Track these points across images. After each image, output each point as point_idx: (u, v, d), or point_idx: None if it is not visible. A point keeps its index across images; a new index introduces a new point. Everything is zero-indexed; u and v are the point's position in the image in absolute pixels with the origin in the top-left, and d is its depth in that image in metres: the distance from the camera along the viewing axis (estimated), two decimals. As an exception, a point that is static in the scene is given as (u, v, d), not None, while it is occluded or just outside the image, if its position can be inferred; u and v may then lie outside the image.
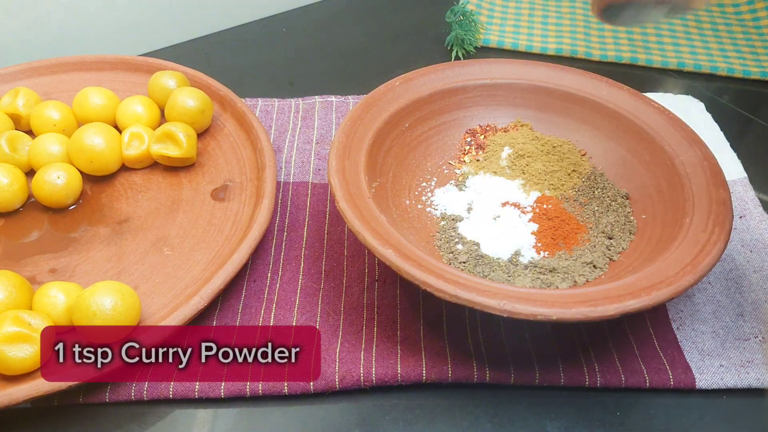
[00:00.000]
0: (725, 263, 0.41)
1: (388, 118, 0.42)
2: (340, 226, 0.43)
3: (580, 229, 0.40)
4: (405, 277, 0.31)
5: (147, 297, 0.38)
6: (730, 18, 0.67)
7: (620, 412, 0.34)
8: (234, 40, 0.64)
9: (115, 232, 0.42)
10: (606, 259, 0.37)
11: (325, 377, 0.34)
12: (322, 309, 0.38)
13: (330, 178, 0.36)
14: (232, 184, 0.45)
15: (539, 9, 0.69)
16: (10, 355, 0.32)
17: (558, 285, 0.35)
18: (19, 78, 0.51)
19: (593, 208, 0.41)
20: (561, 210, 0.41)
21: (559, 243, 0.39)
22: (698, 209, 0.36)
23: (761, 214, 0.44)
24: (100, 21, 0.60)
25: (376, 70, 0.59)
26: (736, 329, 0.37)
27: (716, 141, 0.50)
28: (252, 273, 0.41)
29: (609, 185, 0.42)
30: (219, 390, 0.34)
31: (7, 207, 0.42)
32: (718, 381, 0.35)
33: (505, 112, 0.47)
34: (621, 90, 0.44)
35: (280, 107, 0.53)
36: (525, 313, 0.29)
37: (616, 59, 0.61)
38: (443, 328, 0.37)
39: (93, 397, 0.34)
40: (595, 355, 0.36)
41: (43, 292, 0.35)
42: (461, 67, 0.46)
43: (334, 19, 0.68)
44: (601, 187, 0.42)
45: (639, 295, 0.30)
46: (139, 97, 0.48)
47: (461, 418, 0.34)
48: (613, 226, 0.39)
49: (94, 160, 0.44)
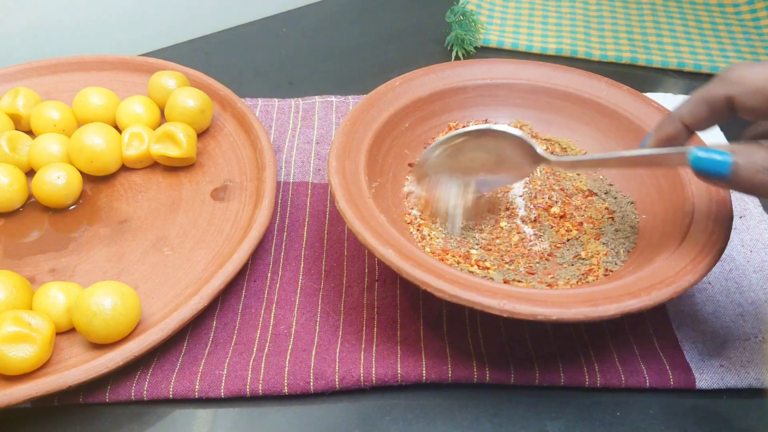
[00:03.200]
0: (725, 263, 0.41)
1: (388, 118, 0.42)
2: (340, 226, 0.43)
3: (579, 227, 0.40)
4: (405, 277, 0.31)
5: (147, 297, 0.38)
6: (730, 18, 0.67)
7: (620, 412, 0.34)
8: (234, 40, 0.64)
9: (115, 232, 0.42)
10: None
11: (325, 377, 0.34)
12: (322, 309, 0.38)
13: (330, 178, 0.36)
14: (232, 184, 0.45)
15: (539, 9, 0.69)
16: (10, 355, 0.32)
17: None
18: (19, 78, 0.51)
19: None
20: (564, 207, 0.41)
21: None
22: (698, 209, 0.36)
23: (761, 214, 0.44)
24: (100, 21, 0.60)
25: (376, 70, 0.59)
26: (736, 329, 0.37)
27: (716, 141, 0.50)
28: (252, 273, 0.41)
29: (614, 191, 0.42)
30: (219, 390, 0.34)
31: (7, 207, 0.42)
32: (718, 381, 0.35)
33: (505, 112, 0.47)
34: (621, 90, 0.44)
35: (280, 107, 0.53)
36: (525, 313, 0.29)
37: (616, 59, 0.61)
38: (443, 328, 0.37)
39: (93, 397, 0.34)
40: (595, 355, 0.36)
41: (43, 292, 0.35)
42: (461, 67, 0.46)
43: (333, 19, 0.68)
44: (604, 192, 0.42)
45: (639, 295, 0.30)
46: (139, 97, 0.48)
47: (461, 418, 0.34)
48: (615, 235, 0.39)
49: (94, 160, 0.44)
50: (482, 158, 0.39)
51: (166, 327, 0.34)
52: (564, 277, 0.37)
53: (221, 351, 0.36)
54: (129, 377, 0.34)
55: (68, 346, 0.35)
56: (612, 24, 0.66)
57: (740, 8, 0.68)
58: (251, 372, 0.35)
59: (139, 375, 0.35)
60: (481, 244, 0.39)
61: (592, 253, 0.38)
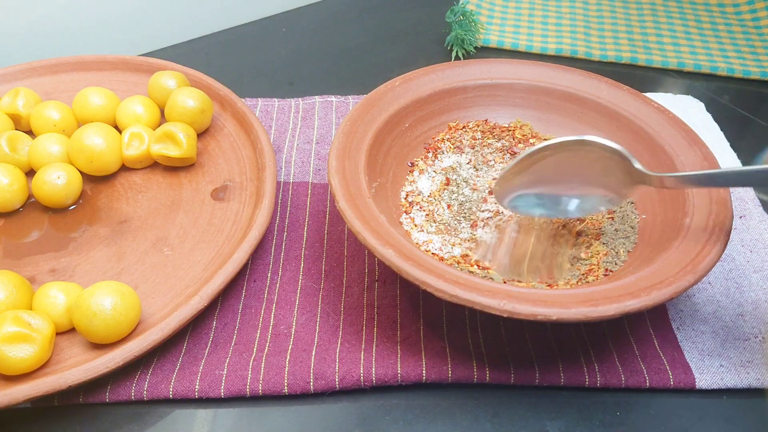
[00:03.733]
0: (725, 263, 0.41)
1: (388, 118, 0.42)
2: (340, 226, 0.43)
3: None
4: (405, 277, 0.31)
5: (147, 297, 0.38)
6: (730, 18, 0.67)
7: (620, 412, 0.34)
8: (234, 40, 0.64)
9: (115, 232, 0.42)
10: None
11: (325, 377, 0.34)
12: (322, 309, 0.38)
13: (330, 178, 0.36)
14: (232, 184, 0.45)
15: (539, 9, 0.69)
16: (10, 355, 0.32)
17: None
18: (19, 78, 0.51)
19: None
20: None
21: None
22: (698, 209, 0.36)
23: (761, 214, 0.44)
24: (100, 21, 0.60)
25: (376, 70, 0.59)
26: (736, 329, 0.37)
27: (716, 141, 0.50)
28: (252, 273, 0.41)
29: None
30: (219, 390, 0.34)
31: (7, 207, 0.42)
32: (718, 381, 0.35)
33: (505, 112, 0.47)
34: (621, 90, 0.44)
35: (280, 107, 0.53)
36: (525, 313, 0.29)
37: (616, 59, 0.61)
38: (443, 328, 0.37)
39: (93, 397, 0.34)
40: (595, 355, 0.36)
41: (43, 292, 0.35)
42: (461, 67, 0.46)
43: (334, 19, 0.68)
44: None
45: (639, 295, 0.30)
46: (139, 97, 0.48)
47: (461, 418, 0.34)
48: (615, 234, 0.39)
49: (94, 160, 0.44)
50: (564, 177, 0.35)
51: (166, 327, 0.34)
52: (564, 277, 0.37)
53: (221, 351, 0.36)
54: (129, 377, 0.34)
55: (68, 346, 0.35)
56: (612, 24, 0.66)
57: (740, 8, 0.68)
58: (251, 372, 0.35)
59: (139, 375, 0.35)
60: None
61: (592, 253, 0.38)
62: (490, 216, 0.41)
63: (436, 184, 0.43)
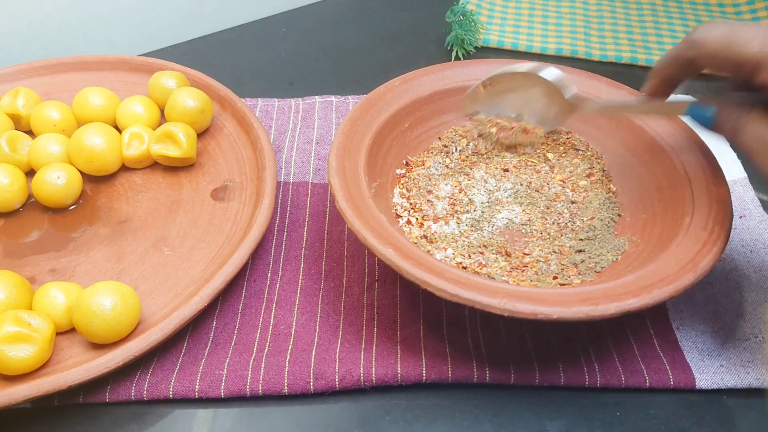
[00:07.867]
0: (725, 263, 0.41)
1: (388, 118, 0.42)
2: (340, 226, 0.43)
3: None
4: (405, 277, 0.31)
5: (147, 297, 0.38)
6: (730, 18, 0.67)
7: (620, 412, 0.34)
8: (234, 40, 0.64)
9: (115, 232, 0.42)
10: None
11: (325, 377, 0.34)
12: (322, 309, 0.38)
13: (330, 178, 0.36)
14: (232, 184, 0.45)
15: (539, 9, 0.69)
16: (10, 355, 0.32)
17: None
18: (19, 78, 0.51)
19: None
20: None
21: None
22: (698, 208, 0.36)
23: (761, 214, 0.44)
24: (100, 21, 0.60)
25: (376, 70, 0.59)
26: (736, 329, 0.37)
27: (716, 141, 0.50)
28: (252, 273, 0.41)
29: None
30: (219, 390, 0.34)
31: (7, 207, 0.42)
32: (718, 381, 0.35)
33: (505, 112, 0.47)
34: (621, 90, 0.44)
35: (280, 107, 0.53)
36: (525, 313, 0.29)
37: (616, 59, 0.61)
38: (443, 328, 0.37)
39: (93, 397, 0.34)
40: (595, 355, 0.36)
41: (43, 292, 0.35)
42: (461, 67, 0.46)
43: (333, 19, 0.68)
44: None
45: (639, 294, 0.30)
46: (139, 97, 0.48)
47: (461, 418, 0.34)
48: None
49: (94, 160, 0.44)
50: (518, 103, 0.43)
51: (166, 327, 0.34)
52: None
53: (221, 351, 0.36)
54: (129, 377, 0.34)
55: (68, 346, 0.35)
56: (612, 24, 0.66)
57: (740, 8, 0.68)
58: (251, 372, 0.35)
59: (139, 375, 0.35)
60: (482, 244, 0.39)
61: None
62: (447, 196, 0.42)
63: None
